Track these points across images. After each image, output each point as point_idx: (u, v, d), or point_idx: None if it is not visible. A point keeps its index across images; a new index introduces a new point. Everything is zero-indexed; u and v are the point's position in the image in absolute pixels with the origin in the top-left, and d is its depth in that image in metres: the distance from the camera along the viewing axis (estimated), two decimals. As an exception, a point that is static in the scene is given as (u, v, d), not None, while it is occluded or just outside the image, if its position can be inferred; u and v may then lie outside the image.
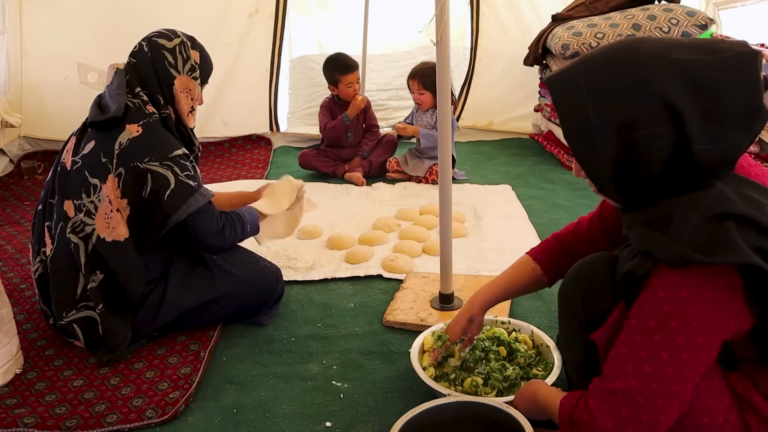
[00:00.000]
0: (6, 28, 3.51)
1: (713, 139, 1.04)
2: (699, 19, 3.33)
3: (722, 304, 1.03)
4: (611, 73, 1.07)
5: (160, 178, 1.76)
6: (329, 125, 3.51)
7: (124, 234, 1.78)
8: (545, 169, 3.53)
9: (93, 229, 1.78)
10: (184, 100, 1.90)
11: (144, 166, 1.75)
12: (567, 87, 1.12)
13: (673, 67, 1.04)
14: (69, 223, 1.81)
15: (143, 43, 1.88)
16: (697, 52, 1.05)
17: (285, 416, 1.59)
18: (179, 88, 1.88)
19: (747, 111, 1.05)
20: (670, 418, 1.05)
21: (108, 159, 1.77)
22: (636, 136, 1.05)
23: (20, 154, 3.77)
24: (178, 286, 1.87)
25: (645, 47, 1.07)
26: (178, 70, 1.88)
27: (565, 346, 1.37)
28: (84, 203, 1.79)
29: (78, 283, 1.81)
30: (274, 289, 2.02)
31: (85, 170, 1.80)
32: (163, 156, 1.78)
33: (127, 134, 1.77)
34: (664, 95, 1.03)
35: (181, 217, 1.80)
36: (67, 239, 1.80)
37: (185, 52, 1.89)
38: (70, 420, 1.58)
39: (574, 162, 1.18)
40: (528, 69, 3.94)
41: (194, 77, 1.91)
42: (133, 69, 1.87)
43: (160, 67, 1.86)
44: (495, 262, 2.39)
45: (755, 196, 1.05)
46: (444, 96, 1.80)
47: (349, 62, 3.45)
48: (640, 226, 1.09)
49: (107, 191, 1.77)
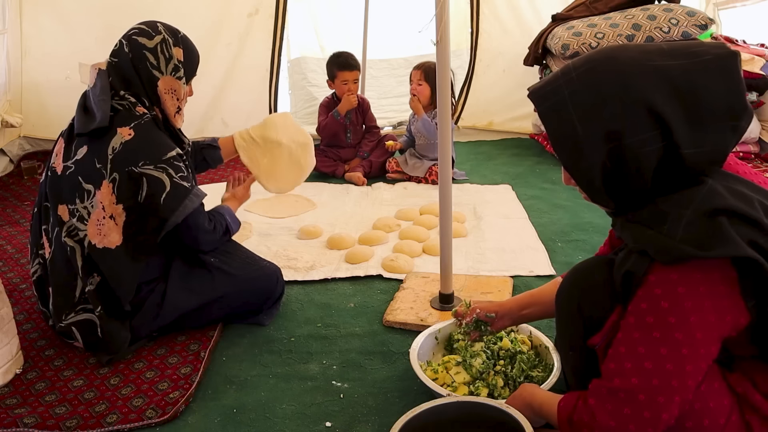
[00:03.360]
0: (6, 28, 3.52)
1: (700, 142, 1.06)
2: (699, 19, 3.33)
3: (719, 298, 1.03)
4: (593, 83, 1.09)
5: (155, 181, 1.75)
6: (322, 123, 3.55)
7: (116, 241, 1.76)
8: (545, 169, 3.53)
9: (85, 234, 1.77)
10: (170, 101, 1.85)
11: (139, 170, 1.73)
12: (551, 99, 1.13)
13: (654, 73, 1.06)
14: (64, 227, 1.80)
15: (123, 42, 1.82)
16: (676, 57, 1.07)
17: (285, 416, 1.59)
18: (163, 90, 1.83)
19: (731, 111, 1.06)
20: (672, 416, 1.05)
21: (102, 164, 1.75)
22: (623, 144, 1.07)
23: (20, 154, 3.77)
24: (178, 287, 1.87)
25: (625, 55, 1.09)
26: (161, 71, 1.81)
27: (563, 351, 1.37)
28: (77, 208, 1.78)
29: (76, 285, 1.81)
30: (274, 288, 2.02)
31: (78, 176, 1.78)
32: (157, 159, 1.76)
33: (120, 138, 1.74)
34: (648, 102, 1.05)
35: (178, 219, 1.79)
36: (64, 243, 1.80)
37: (167, 51, 1.82)
38: (70, 420, 1.58)
39: (563, 171, 1.20)
40: (528, 69, 3.94)
41: (178, 77, 1.85)
42: (115, 70, 1.81)
43: (142, 68, 1.80)
44: (495, 262, 2.39)
45: (744, 191, 1.06)
46: (444, 96, 1.80)
47: (350, 61, 3.48)
48: (634, 226, 1.10)
49: (101, 197, 1.75)
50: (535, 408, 1.27)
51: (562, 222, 2.75)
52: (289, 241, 2.67)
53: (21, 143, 3.79)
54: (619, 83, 1.07)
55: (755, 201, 1.05)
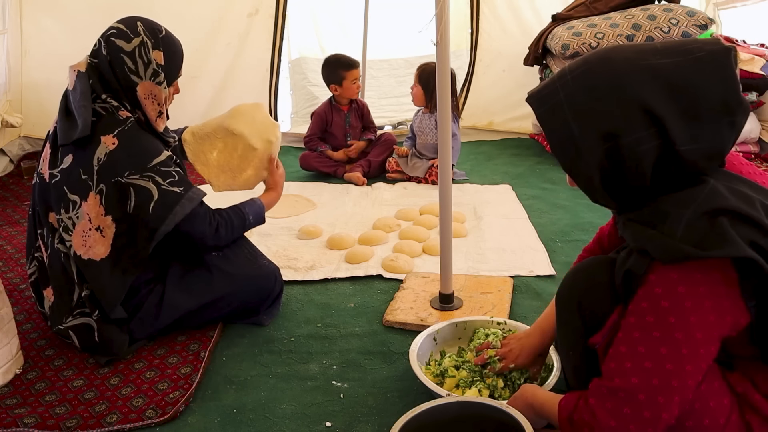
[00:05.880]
0: (6, 28, 3.51)
1: (697, 139, 1.06)
2: (699, 19, 3.33)
3: (719, 298, 1.03)
4: (588, 85, 1.10)
5: (143, 191, 1.71)
6: (307, 144, 3.59)
7: (102, 254, 1.73)
8: (545, 169, 3.53)
9: (69, 246, 1.75)
10: (150, 106, 1.79)
11: (125, 181, 1.70)
12: (548, 103, 1.14)
13: (647, 72, 1.06)
14: (56, 234, 1.79)
15: (102, 43, 1.76)
16: (670, 55, 1.07)
17: (285, 416, 1.59)
18: (143, 95, 1.77)
19: (726, 107, 1.06)
20: (672, 415, 1.05)
21: (88, 176, 1.71)
22: (620, 144, 1.07)
23: (20, 154, 3.77)
24: (176, 289, 1.86)
25: (619, 56, 1.09)
26: (139, 76, 1.75)
27: (564, 351, 1.37)
28: (62, 218, 1.75)
29: (74, 290, 1.80)
30: (272, 287, 2.01)
31: (64, 185, 1.74)
32: (142, 167, 1.72)
33: (104, 148, 1.70)
34: (642, 101, 1.05)
35: (169, 227, 1.75)
36: (57, 249, 1.79)
37: (146, 56, 1.75)
38: (70, 420, 1.58)
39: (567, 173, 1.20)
40: (528, 69, 3.94)
41: (158, 82, 1.78)
42: (95, 71, 1.76)
43: (120, 72, 1.74)
44: (495, 262, 2.39)
45: (746, 191, 1.06)
46: (444, 96, 1.80)
47: (351, 60, 3.51)
48: (635, 225, 1.11)
49: (88, 209, 1.72)
50: (537, 408, 1.27)
51: (562, 222, 2.75)
52: (289, 241, 2.67)
53: (21, 143, 3.79)
54: (613, 83, 1.07)
55: (757, 201, 1.05)
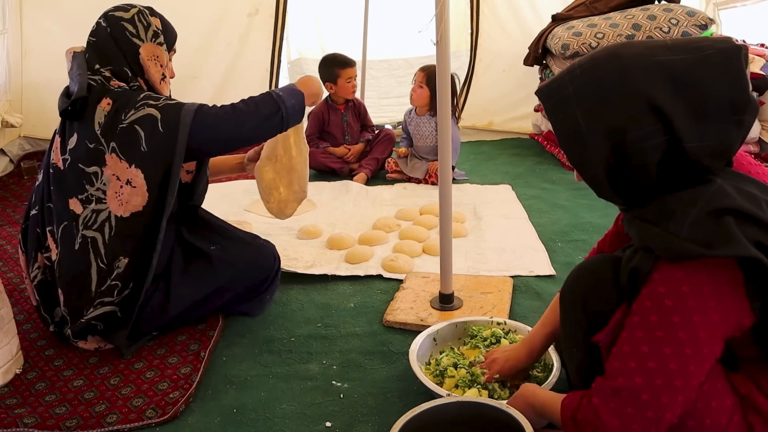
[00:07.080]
0: (6, 28, 3.51)
1: (704, 136, 1.06)
2: (699, 19, 3.33)
3: (723, 298, 1.03)
4: (596, 79, 1.10)
5: (145, 119, 1.74)
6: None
7: (142, 203, 1.76)
8: (545, 169, 3.53)
9: (108, 213, 1.76)
10: (154, 68, 1.86)
11: (127, 123, 1.74)
12: (557, 97, 1.14)
13: (656, 68, 1.06)
14: (79, 220, 1.78)
15: (100, 20, 1.85)
16: (679, 52, 1.07)
17: (285, 416, 1.59)
18: (146, 57, 1.84)
19: (735, 105, 1.06)
20: (675, 415, 1.05)
21: (96, 143, 1.76)
22: (626, 140, 1.07)
23: (20, 154, 3.77)
24: (180, 283, 1.87)
25: (628, 51, 1.09)
26: (141, 38, 1.83)
27: (567, 349, 1.37)
28: (91, 194, 1.77)
29: (92, 280, 1.78)
30: (272, 264, 2.04)
31: (78, 163, 1.78)
32: (133, 103, 1.75)
33: (102, 112, 1.75)
34: (649, 97, 1.05)
35: (184, 134, 1.74)
36: (81, 237, 1.77)
37: (145, 20, 1.85)
38: (70, 420, 1.58)
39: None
40: (528, 69, 3.95)
41: (159, 43, 1.86)
42: (92, 48, 1.83)
43: (122, 38, 1.81)
44: (495, 262, 2.39)
45: (753, 191, 1.06)
46: (444, 96, 1.80)
47: (347, 58, 3.52)
48: (640, 223, 1.10)
49: (111, 171, 1.75)
50: (537, 408, 1.27)
51: (562, 222, 2.75)
52: (289, 241, 2.67)
53: (21, 143, 3.79)
54: (621, 79, 1.07)
55: (763, 202, 1.04)
